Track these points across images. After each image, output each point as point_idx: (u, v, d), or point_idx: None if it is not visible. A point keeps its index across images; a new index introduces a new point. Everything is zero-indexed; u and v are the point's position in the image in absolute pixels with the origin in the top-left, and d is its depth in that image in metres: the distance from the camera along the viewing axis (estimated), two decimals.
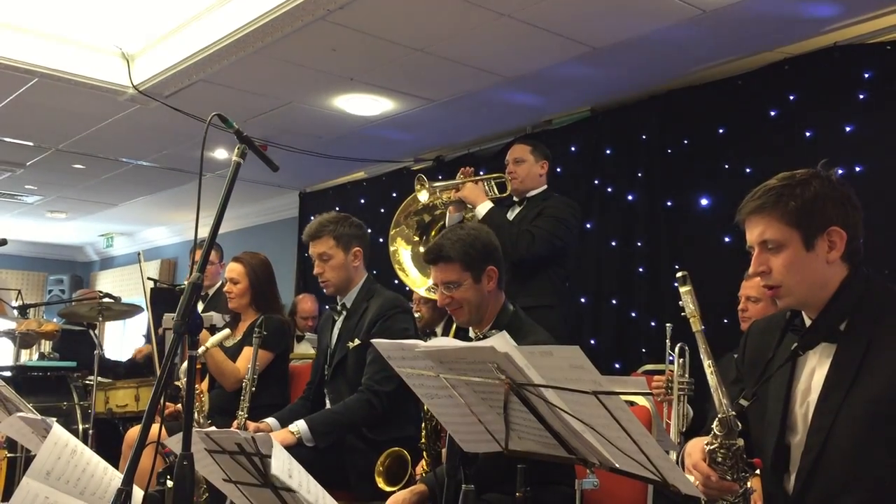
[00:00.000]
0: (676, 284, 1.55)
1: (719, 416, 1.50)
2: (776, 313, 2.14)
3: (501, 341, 1.39)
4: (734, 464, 1.57)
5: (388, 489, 2.76)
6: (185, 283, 1.88)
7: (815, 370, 1.79)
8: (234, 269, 3.88)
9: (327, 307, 3.58)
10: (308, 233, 3.41)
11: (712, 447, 1.55)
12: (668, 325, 3.80)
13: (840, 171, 4.20)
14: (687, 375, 3.58)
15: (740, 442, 1.53)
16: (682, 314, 1.55)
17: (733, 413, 1.48)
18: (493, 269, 2.62)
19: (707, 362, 1.48)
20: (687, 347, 3.58)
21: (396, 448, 2.82)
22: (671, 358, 3.63)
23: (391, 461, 2.82)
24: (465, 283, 2.58)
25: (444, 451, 2.45)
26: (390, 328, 3.20)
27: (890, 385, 1.64)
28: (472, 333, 2.73)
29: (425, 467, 2.71)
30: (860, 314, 1.74)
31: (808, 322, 1.84)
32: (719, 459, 1.56)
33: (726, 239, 4.72)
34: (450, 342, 1.64)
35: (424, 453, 2.71)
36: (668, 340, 3.71)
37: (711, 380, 1.48)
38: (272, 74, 5.22)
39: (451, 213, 4.10)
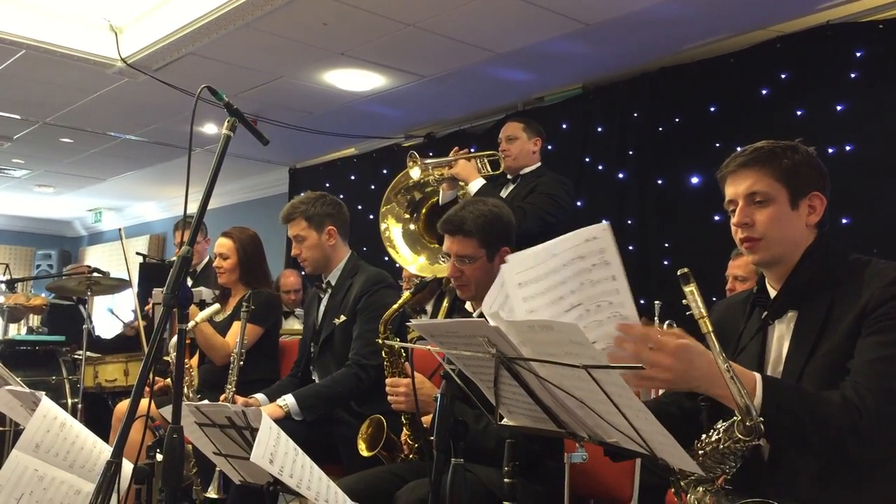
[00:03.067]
0: (681, 283, 1.51)
1: (747, 422, 1.47)
2: (737, 294, 2.19)
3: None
4: (737, 458, 1.57)
5: (367, 454, 2.77)
6: (174, 257, 1.87)
7: (783, 339, 1.83)
8: (223, 245, 3.87)
9: (314, 285, 3.58)
10: (282, 215, 3.43)
11: (725, 444, 1.54)
12: (656, 302, 3.82)
13: (831, 150, 4.22)
14: None
15: (762, 443, 1.52)
16: (688, 313, 1.52)
17: (762, 419, 1.46)
18: (507, 249, 2.61)
19: (723, 366, 1.46)
20: (675, 324, 3.60)
21: (377, 416, 2.84)
22: None
23: (373, 428, 2.85)
24: (479, 261, 2.56)
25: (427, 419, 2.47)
26: (375, 303, 3.20)
27: (844, 336, 1.69)
28: (469, 307, 2.74)
29: (408, 440, 2.72)
30: (821, 280, 1.80)
31: (772, 293, 1.89)
32: (727, 453, 1.55)
33: (716, 217, 4.73)
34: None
35: (406, 424, 2.72)
36: (656, 318, 3.73)
37: (731, 385, 1.45)
38: (262, 48, 5.18)
39: (444, 191, 4.09)
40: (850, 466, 1.64)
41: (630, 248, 5.27)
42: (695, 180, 5.00)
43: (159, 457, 2.18)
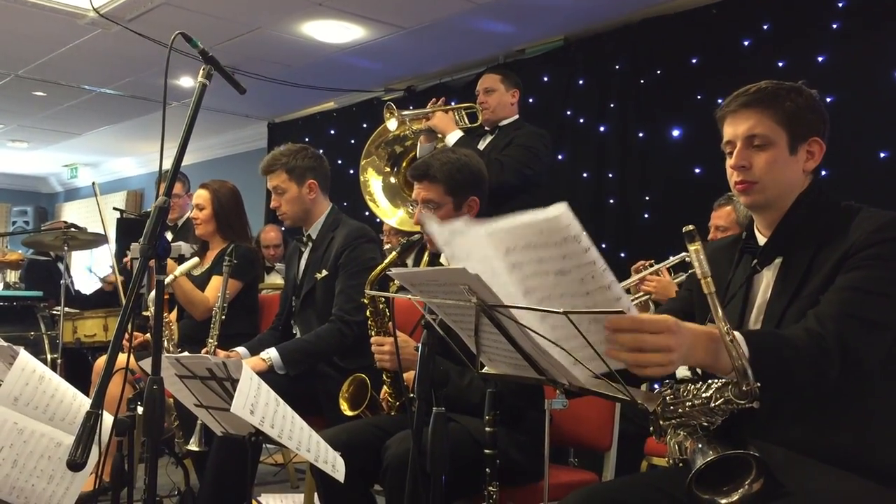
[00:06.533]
0: (685, 241, 1.44)
1: (743, 387, 1.45)
2: (721, 239, 2.15)
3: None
4: (725, 414, 1.55)
5: (350, 413, 2.79)
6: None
7: (769, 285, 1.82)
8: (200, 196, 3.85)
9: (294, 240, 3.55)
10: (262, 167, 3.39)
11: (717, 402, 1.51)
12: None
13: None
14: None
15: (755, 405, 1.49)
16: (690, 271, 1.48)
17: (758, 384, 1.44)
18: (476, 199, 2.59)
19: (724, 328, 1.41)
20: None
21: (359, 374, 2.85)
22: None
23: (354, 387, 2.85)
24: (444, 207, 2.54)
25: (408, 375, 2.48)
26: (357, 258, 3.20)
27: (825, 278, 1.68)
28: (443, 260, 2.73)
29: (388, 397, 2.73)
30: (810, 226, 1.78)
31: (760, 240, 1.87)
32: (716, 410, 1.53)
33: (697, 170, 4.74)
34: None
35: (386, 381, 2.72)
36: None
37: (731, 348, 1.42)
38: None
39: (421, 143, 4.07)
40: (827, 405, 1.66)
41: (611, 201, 5.28)
42: (676, 133, 4.99)
43: (140, 410, 2.18)
